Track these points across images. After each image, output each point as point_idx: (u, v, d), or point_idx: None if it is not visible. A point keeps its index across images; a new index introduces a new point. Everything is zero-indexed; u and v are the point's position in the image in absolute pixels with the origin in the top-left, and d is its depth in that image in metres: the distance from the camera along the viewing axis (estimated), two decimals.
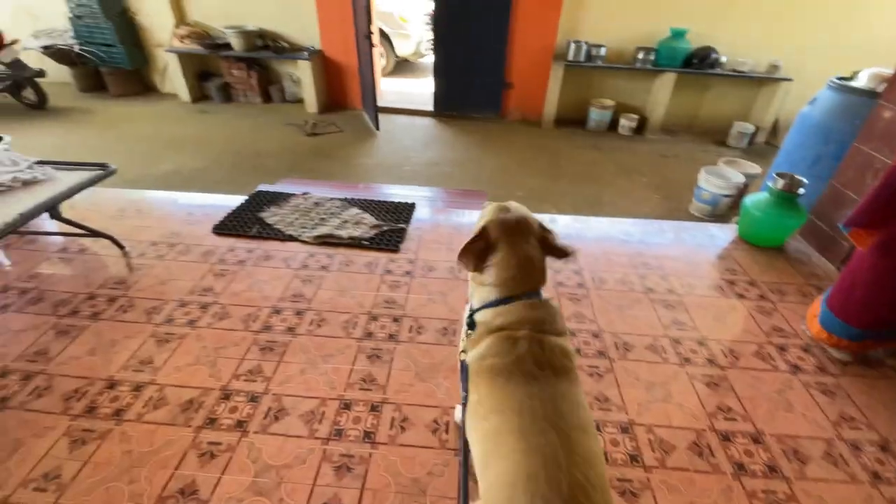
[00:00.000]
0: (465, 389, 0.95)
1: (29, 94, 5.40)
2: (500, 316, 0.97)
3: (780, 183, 2.41)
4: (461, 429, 0.97)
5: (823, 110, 2.74)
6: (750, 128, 5.08)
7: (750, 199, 2.56)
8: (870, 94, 2.49)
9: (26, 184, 2.04)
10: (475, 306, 1.05)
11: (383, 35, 7.08)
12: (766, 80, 5.12)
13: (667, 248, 2.58)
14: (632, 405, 1.62)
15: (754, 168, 3.47)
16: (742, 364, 1.81)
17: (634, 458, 1.44)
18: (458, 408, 1.45)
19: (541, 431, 0.77)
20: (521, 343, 0.90)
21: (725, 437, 1.52)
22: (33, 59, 5.67)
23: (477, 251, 1.02)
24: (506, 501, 0.72)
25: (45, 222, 2.58)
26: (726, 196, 3.27)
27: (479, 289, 1.05)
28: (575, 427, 0.80)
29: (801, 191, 2.39)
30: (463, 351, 1.02)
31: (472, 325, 1.03)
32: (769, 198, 2.47)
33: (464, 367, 0.99)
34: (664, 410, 1.61)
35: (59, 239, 2.46)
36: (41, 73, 5.30)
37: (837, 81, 2.74)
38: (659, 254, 2.51)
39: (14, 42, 5.13)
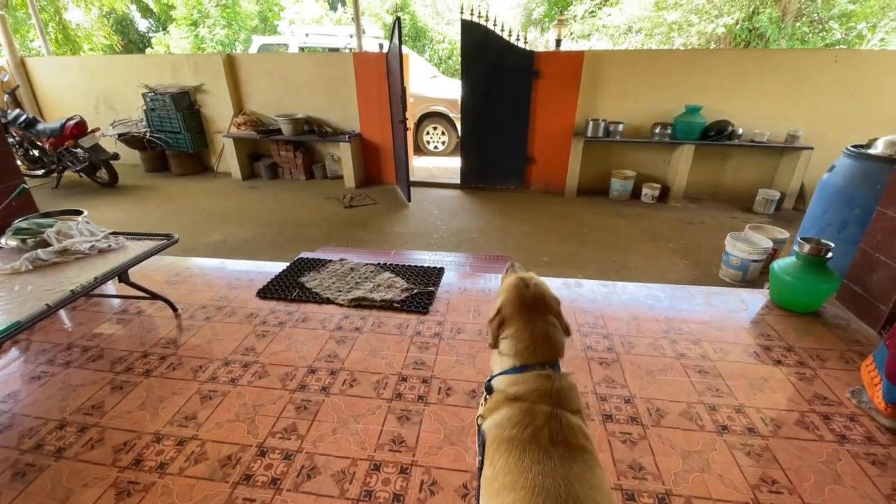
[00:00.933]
0: (482, 454, 0.96)
1: (102, 174, 6.10)
2: (516, 384, 0.99)
3: (807, 247, 2.42)
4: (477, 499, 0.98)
5: (843, 177, 2.80)
6: (775, 194, 5.11)
7: (778, 264, 2.57)
8: (887, 160, 2.55)
9: (102, 252, 2.30)
10: (494, 372, 1.09)
11: (448, 119, 7.91)
12: (786, 149, 5.23)
13: (697, 313, 2.57)
14: (668, 474, 1.57)
15: (782, 233, 3.47)
16: (784, 433, 1.74)
17: None
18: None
19: None
20: (539, 418, 0.91)
21: None
22: (109, 143, 6.48)
23: (495, 326, 1.09)
24: None
25: (109, 287, 2.84)
26: (755, 261, 3.26)
27: (498, 359, 1.10)
28: None
29: (829, 255, 2.39)
30: (480, 416, 1.04)
31: (490, 389, 1.06)
32: (797, 262, 2.48)
33: (480, 432, 1.00)
34: (703, 481, 1.54)
35: (120, 301, 2.69)
36: (116, 157, 6.03)
37: (853, 150, 2.82)
38: (689, 319, 2.50)
39: (95, 130, 5.92)
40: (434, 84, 8.13)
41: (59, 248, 2.18)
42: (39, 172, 6.07)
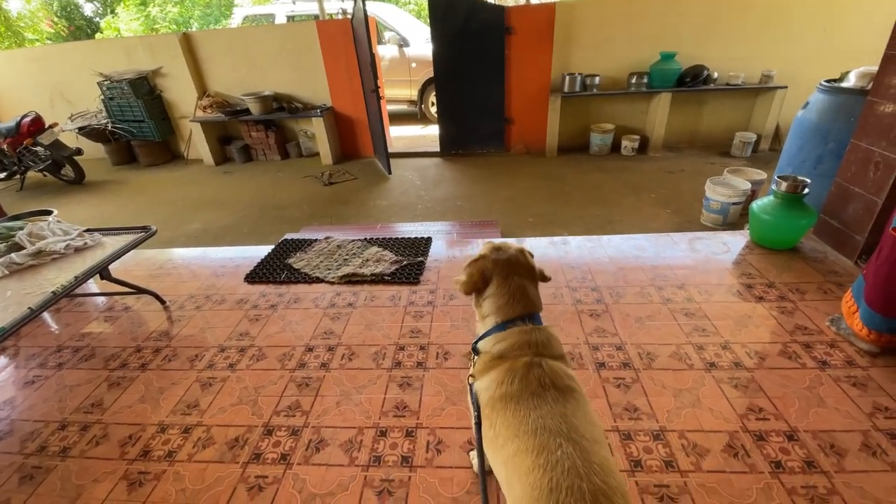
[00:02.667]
0: (476, 409, 1.01)
1: (68, 171, 5.86)
2: (499, 342, 1.04)
3: (784, 185, 2.47)
4: (480, 476, 1.03)
5: (818, 112, 2.83)
6: (752, 136, 5.16)
7: (756, 204, 2.62)
8: (859, 92, 2.57)
9: (78, 250, 2.24)
10: (478, 335, 1.14)
11: None
12: (761, 90, 5.24)
13: (681, 259, 2.63)
14: (661, 413, 1.64)
15: (759, 174, 3.52)
16: (768, 364, 1.82)
17: (669, 464, 1.45)
18: (473, 456, 1.49)
19: (557, 446, 0.80)
20: (525, 369, 0.95)
21: (759, 437, 1.52)
22: (70, 139, 6.19)
23: (474, 279, 1.13)
24: None
25: (91, 286, 2.78)
26: (735, 204, 3.32)
27: (482, 322, 1.15)
28: (588, 439, 0.83)
29: (806, 191, 2.44)
30: (471, 375, 1.09)
31: (476, 350, 1.12)
32: (775, 201, 2.53)
33: (472, 391, 1.06)
34: (694, 415, 1.62)
35: (105, 300, 2.64)
36: (79, 152, 5.77)
37: (827, 84, 2.84)
38: (674, 265, 2.56)
39: (53, 125, 5.63)
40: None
41: (33, 250, 2.11)
42: (1, 176, 5.80)
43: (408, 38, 7.42)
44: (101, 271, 2.17)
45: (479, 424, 1.00)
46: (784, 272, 2.41)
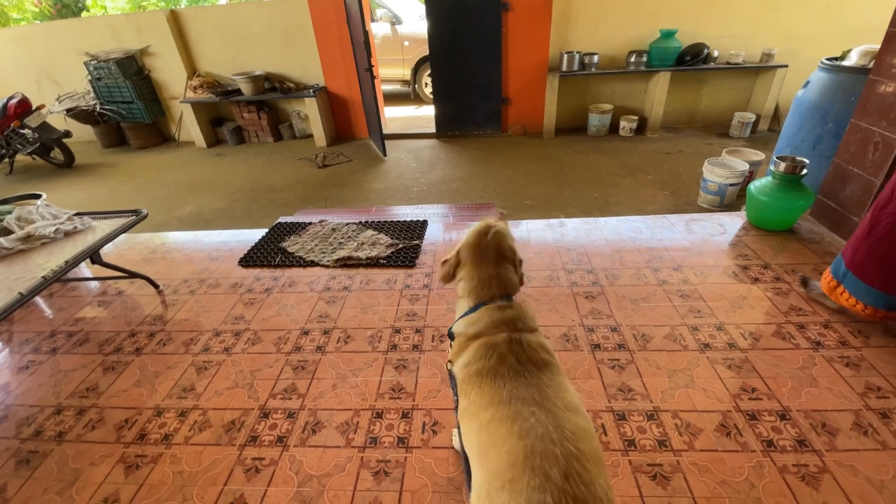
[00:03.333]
0: (456, 394, 1.02)
1: (57, 154, 5.75)
2: (473, 324, 1.04)
3: (782, 166, 2.45)
4: (462, 454, 1.02)
5: (818, 91, 2.79)
6: (750, 116, 5.10)
7: (754, 185, 2.60)
8: (861, 71, 2.53)
9: (68, 234, 2.20)
10: (455, 319, 1.14)
11: None
12: (761, 69, 5.16)
13: (677, 240, 2.62)
14: (655, 393, 1.65)
15: (758, 155, 3.49)
16: (762, 345, 1.83)
17: (663, 443, 1.47)
18: (455, 434, 1.49)
19: (531, 414, 0.81)
20: (501, 345, 0.96)
21: (752, 417, 1.54)
22: (58, 121, 6.06)
23: (447, 273, 1.18)
24: (508, 483, 0.74)
25: (84, 270, 2.76)
26: (732, 185, 3.29)
27: (459, 304, 1.16)
28: (562, 407, 0.84)
29: (804, 172, 2.42)
30: (450, 361, 1.09)
31: (452, 335, 1.12)
32: (773, 182, 2.51)
33: (451, 376, 1.06)
34: (688, 395, 1.63)
35: (98, 284, 2.62)
36: (68, 134, 5.65)
37: (828, 62, 2.79)
38: (670, 247, 2.55)
39: (40, 107, 5.50)
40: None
41: (22, 234, 2.08)
42: None
43: (400, 15, 7.23)
44: (93, 256, 2.14)
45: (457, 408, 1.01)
46: (780, 253, 2.41)
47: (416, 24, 7.18)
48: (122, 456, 1.56)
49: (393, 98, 8.10)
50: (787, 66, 4.94)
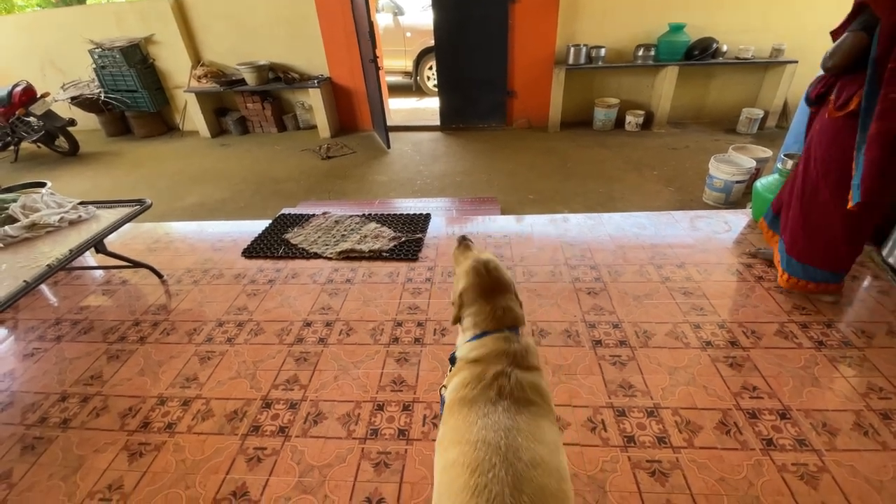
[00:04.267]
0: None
1: (62, 142, 5.75)
2: (476, 349, 1.01)
3: (790, 163, 2.42)
4: None
5: None
6: (759, 113, 5.04)
7: (761, 183, 2.58)
8: None
9: (72, 223, 2.21)
10: (458, 346, 1.11)
11: None
12: (771, 65, 5.09)
13: (681, 237, 2.61)
14: (656, 390, 1.65)
15: (765, 152, 3.46)
16: (764, 343, 1.83)
17: (662, 440, 1.47)
18: None
19: (490, 467, 0.76)
20: (490, 376, 0.92)
21: (752, 415, 1.54)
22: (63, 109, 6.06)
23: (455, 310, 1.13)
24: None
25: (89, 259, 2.77)
26: (738, 182, 3.27)
27: (461, 336, 1.13)
28: (527, 463, 0.77)
29: None
30: (444, 385, 1.07)
31: (453, 361, 1.09)
32: (780, 179, 2.49)
33: (442, 401, 1.03)
34: (689, 393, 1.63)
35: (103, 273, 2.63)
36: (72, 123, 5.66)
37: None
38: (674, 244, 2.54)
39: (45, 95, 5.49)
40: (431, 14, 7.52)
41: (27, 222, 2.09)
42: None
43: (402, 5, 7.16)
44: (97, 245, 2.15)
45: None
46: None
47: (418, 15, 7.10)
48: (125, 443, 1.58)
49: (395, 90, 8.04)
50: (797, 61, 4.87)
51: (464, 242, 1.25)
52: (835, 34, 1.85)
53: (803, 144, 2.88)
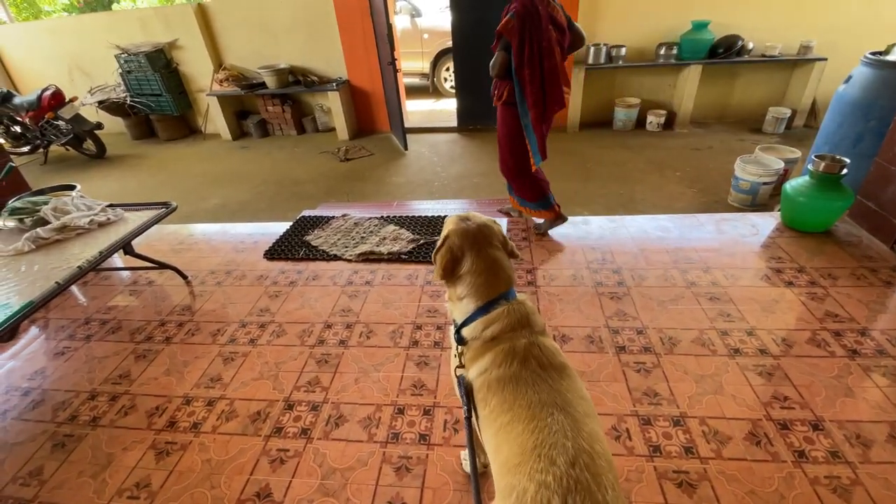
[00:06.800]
0: (466, 403, 0.98)
1: (89, 145, 5.93)
2: (489, 326, 0.99)
3: (821, 165, 2.35)
4: (472, 471, 0.97)
5: (861, 87, 2.66)
6: (786, 112, 4.91)
7: (791, 185, 2.50)
8: None
9: (101, 225, 2.27)
10: (459, 321, 1.06)
11: None
12: (799, 62, 4.95)
13: (707, 241, 2.55)
14: (682, 398, 1.62)
15: (794, 153, 3.36)
16: (796, 352, 1.77)
17: (689, 450, 1.44)
18: (464, 456, 1.47)
19: (548, 414, 0.82)
20: (522, 351, 0.94)
21: (783, 426, 1.49)
22: (90, 113, 6.24)
23: (445, 262, 1.04)
24: (514, 469, 0.76)
25: (116, 260, 2.84)
26: (766, 184, 3.18)
27: (457, 304, 1.07)
28: (581, 413, 0.84)
29: (844, 171, 2.32)
30: (459, 366, 1.04)
31: (460, 340, 1.05)
32: (811, 181, 2.41)
33: (461, 382, 1.01)
34: (716, 402, 1.59)
35: (130, 274, 2.70)
36: (99, 126, 5.82)
37: (872, 57, 2.65)
38: (699, 247, 2.49)
39: (73, 99, 5.67)
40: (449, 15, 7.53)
41: (58, 224, 2.15)
42: (25, 149, 5.90)
43: (420, 7, 7.18)
44: (125, 247, 2.20)
45: (469, 419, 0.98)
46: (816, 256, 2.32)
47: (435, 16, 7.12)
48: (153, 442, 1.61)
49: (412, 91, 8.07)
50: (826, 59, 4.73)
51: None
52: (493, 48, 2.44)
53: (833, 144, 2.80)
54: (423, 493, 1.38)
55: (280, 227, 3.06)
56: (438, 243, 1.08)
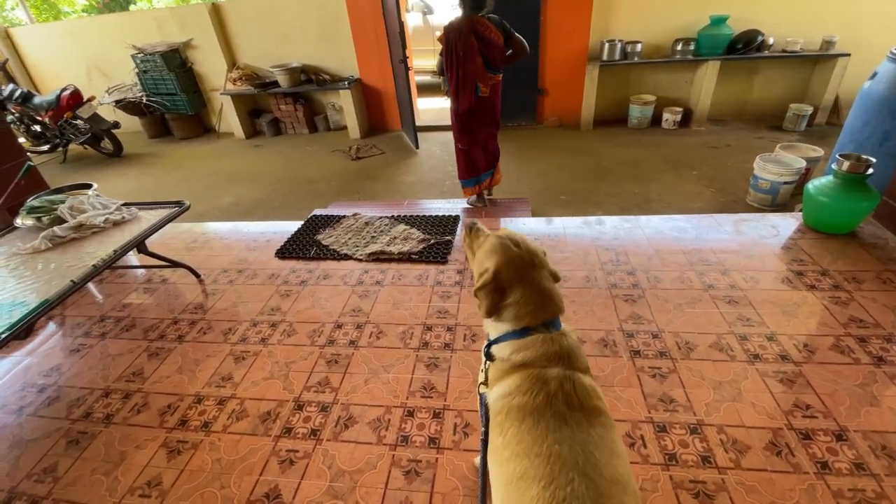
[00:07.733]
0: (485, 424, 0.91)
1: (107, 144, 6.03)
2: (521, 351, 0.91)
3: (846, 164, 2.27)
4: (480, 476, 0.93)
5: (887, 84, 2.56)
6: (807, 109, 4.77)
7: (813, 185, 2.42)
8: None
9: (116, 224, 2.29)
10: (492, 337, 1.00)
11: None
12: (821, 58, 4.81)
13: (725, 242, 2.48)
14: (699, 405, 1.57)
15: (816, 151, 3.26)
16: (818, 358, 1.71)
17: (706, 459, 1.39)
18: (477, 459, 1.43)
19: (568, 482, 0.71)
20: (552, 382, 0.85)
21: (805, 436, 1.44)
22: (107, 112, 6.34)
23: (494, 300, 0.95)
24: None
25: (131, 258, 2.88)
26: (787, 183, 3.09)
27: (494, 325, 1.00)
28: (608, 479, 0.73)
29: (870, 171, 2.24)
30: (483, 383, 0.98)
31: (490, 356, 0.98)
32: (835, 181, 2.33)
33: (482, 402, 0.95)
34: (735, 410, 1.55)
35: (144, 272, 2.73)
36: (117, 125, 5.92)
37: None
38: (717, 248, 2.43)
39: (91, 99, 5.77)
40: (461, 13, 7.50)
41: (74, 223, 2.17)
42: (45, 148, 6.03)
43: (432, 5, 7.15)
44: (139, 245, 2.22)
45: (486, 442, 0.90)
46: (839, 259, 2.24)
47: (448, 14, 7.08)
48: (164, 441, 1.62)
49: (423, 89, 8.04)
50: (849, 54, 4.59)
51: (474, 228, 1.13)
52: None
53: (858, 142, 2.70)
54: (432, 498, 1.36)
55: (292, 226, 3.07)
56: (485, 277, 0.95)
